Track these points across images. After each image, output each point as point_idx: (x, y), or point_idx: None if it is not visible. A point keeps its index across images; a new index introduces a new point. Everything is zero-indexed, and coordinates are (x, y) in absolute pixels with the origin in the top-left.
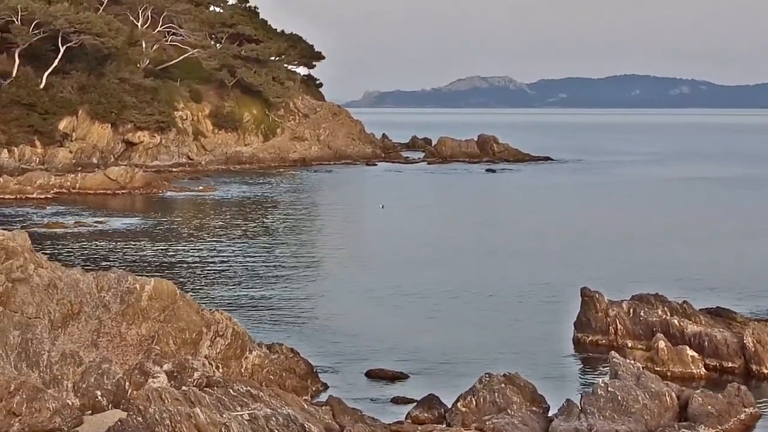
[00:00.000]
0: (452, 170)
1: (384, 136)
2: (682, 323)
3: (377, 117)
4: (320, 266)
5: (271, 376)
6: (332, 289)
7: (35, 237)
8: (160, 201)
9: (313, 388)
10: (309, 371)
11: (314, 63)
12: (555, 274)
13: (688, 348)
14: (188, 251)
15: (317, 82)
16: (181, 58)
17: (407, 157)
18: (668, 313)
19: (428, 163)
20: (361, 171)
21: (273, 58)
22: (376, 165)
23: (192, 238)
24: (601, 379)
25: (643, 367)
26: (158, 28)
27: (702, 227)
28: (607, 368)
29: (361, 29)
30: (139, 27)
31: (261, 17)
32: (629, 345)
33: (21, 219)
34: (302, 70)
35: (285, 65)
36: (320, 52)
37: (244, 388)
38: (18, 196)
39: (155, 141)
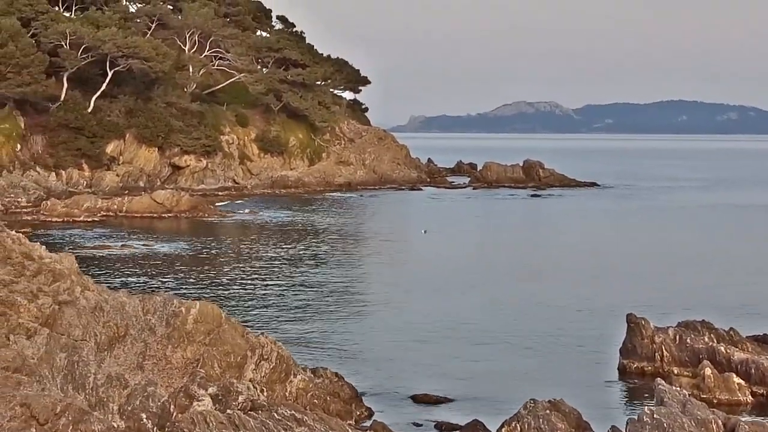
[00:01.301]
0: (497, 195)
1: (429, 160)
2: (728, 350)
3: (423, 142)
4: (364, 291)
5: (315, 401)
6: (376, 314)
7: (82, 260)
8: (206, 225)
9: (358, 413)
10: (353, 395)
11: (360, 87)
12: (600, 299)
13: (734, 375)
14: (233, 275)
15: (363, 106)
16: (228, 82)
17: (452, 182)
18: (715, 340)
19: (474, 188)
20: (406, 196)
21: (319, 82)
22: (421, 190)
23: (237, 262)
24: (646, 406)
25: (689, 395)
26: (205, 53)
27: (749, 254)
28: (653, 395)
29: (407, 54)
30: (187, 51)
31: (307, 42)
32: (675, 372)
33: (68, 241)
34: (348, 95)
35: (331, 90)
36: (366, 77)
37: (289, 412)
38: (65, 219)
39: (201, 165)
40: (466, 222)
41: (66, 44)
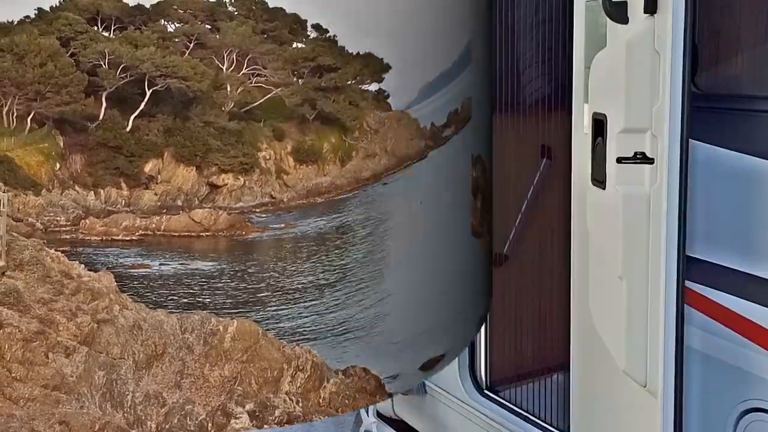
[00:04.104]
0: None
1: (432, 124)
2: None
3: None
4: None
5: (346, 401)
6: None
7: (120, 278)
8: (243, 242)
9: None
10: (378, 385)
11: (383, 76)
12: None
13: None
14: (270, 292)
15: (385, 93)
16: (265, 98)
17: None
18: None
19: None
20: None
21: (349, 82)
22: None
23: (273, 279)
24: None
25: None
26: (243, 71)
27: None
28: None
29: None
30: (224, 70)
31: (339, 44)
32: None
33: (106, 260)
34: (373, 87)
35: (359, 86)
36: (388, 63)
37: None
38: (104, 238)
39: (239, 183)
40: None
41: (105, 64)
